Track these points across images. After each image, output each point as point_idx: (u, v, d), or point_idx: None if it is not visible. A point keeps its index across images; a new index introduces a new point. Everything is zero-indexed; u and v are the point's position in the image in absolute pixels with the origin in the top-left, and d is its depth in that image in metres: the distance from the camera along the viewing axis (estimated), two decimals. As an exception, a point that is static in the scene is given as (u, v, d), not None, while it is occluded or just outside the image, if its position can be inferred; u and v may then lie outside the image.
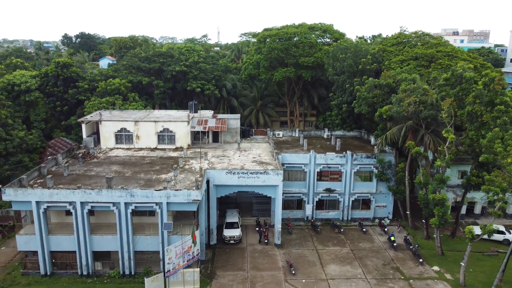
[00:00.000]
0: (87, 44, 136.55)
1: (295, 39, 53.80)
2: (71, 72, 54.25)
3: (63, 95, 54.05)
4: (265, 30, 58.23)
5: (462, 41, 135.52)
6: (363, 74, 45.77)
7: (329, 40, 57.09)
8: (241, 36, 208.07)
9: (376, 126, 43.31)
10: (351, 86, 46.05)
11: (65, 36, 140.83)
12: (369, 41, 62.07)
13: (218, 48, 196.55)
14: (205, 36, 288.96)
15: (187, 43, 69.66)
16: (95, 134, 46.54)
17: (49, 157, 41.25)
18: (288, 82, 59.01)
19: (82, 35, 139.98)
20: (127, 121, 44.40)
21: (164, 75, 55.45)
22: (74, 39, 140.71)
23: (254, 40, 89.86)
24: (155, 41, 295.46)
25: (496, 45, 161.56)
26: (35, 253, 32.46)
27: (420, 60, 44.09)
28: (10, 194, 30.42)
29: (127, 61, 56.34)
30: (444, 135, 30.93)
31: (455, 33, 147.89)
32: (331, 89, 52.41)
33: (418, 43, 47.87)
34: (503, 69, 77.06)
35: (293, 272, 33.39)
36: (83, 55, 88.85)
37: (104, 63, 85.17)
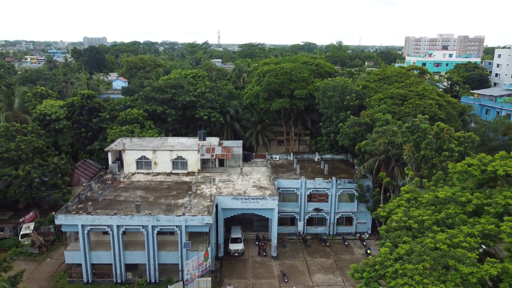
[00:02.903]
0: (96, 58, 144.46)
1: (291, 73, 61.57)
2: (94, 102, 62.21)
3: (87, 123, 61.95)
4: (265, 64, 66.27)
5: (451, 55, 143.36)
6: (348, 109, 53.81)
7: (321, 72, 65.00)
8: (241, 47, 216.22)
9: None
10: (337, 119, 54.07)
11: (74, 50, 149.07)
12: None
13: (220, 55, 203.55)
14: (206, 43, 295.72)
15: (190, 73, 77.21)
16: (118, 160, 54.41)
17: (84, 184, 49.11)
18: (284, 109, 66.93)
19: (91, 49, 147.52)
20: (146, 150, 52.31)
21: (175, 104, 63.30)
22: (83, 52, 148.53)
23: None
24: (157, 47, 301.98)
25: (484, 58, 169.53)
26: (79, 265, 40.41)
27: (395, 99, 52.05)
28: (61, 219, 38.44)
29: (144, 93, 64.08)
30: (405, 172, 38.93)
31: (445, 47, 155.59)
32: (322, 115, 60.29)
33: (395, 82, 55.76)
34: (480, 91, 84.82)
35: (286, 280, 41.36)
36: (97, 77, 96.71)
37: (117, 84, 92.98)
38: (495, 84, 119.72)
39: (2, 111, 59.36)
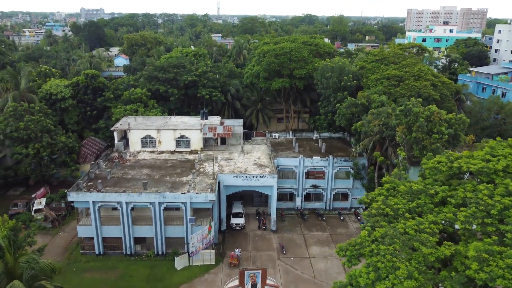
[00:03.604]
0: (96, 33, 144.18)
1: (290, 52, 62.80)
2: (98, 82, 63.75)
3: (92, 102, 63.72)
4: (265, 44, 67.32)
5: (451, 30, 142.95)
6: (345, 90, 55.50)
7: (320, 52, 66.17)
8: (241, 21, 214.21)
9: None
10: (335, 100, 55.83)
11: (74, 25, 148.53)
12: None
13: (220, 29, 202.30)
14: (206, 15, 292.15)
15: (192, 52, 78.20)
16: (124, 138, 56.53)
17: (92, 162, 51.41)
18: (284, 88, 68.48)
19: (90, 24, 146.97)
20: (151, 129, 54.34)
21: (177, 83, 64.85)
22: (82, 27, 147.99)
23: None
24: (156, 19, 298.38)
25: (485, 32, 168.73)
26: (90, 238, 43.26)
27: (391, 80, 53.62)
28: (74, 196, 40.95)
29: (146, 72, 65.53)
30: (398, 152, 41.16)
31: (446, 23, 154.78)
32: (321, 95, 61.99)
33: (392, 63, 57.15)
34: (477, 69, 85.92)
35: (284, 252, 44.33)
36: (98, 53, 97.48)
37: (118, 61, 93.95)
38: (494, 60, 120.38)
39: (9, 91, 60.97)
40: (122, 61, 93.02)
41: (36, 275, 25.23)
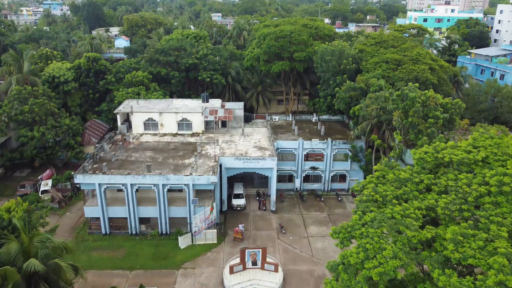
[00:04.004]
0: (95, 13, 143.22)
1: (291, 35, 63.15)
2: (100, 65, 64.35)
3: (94, 85, 64.48)
4: (265, 27, 67.55)
5: (453, 10, 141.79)
6: (344, 73, 56.23)
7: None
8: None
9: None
10: (334, 83, 56.63)
11: (72, 5, 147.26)
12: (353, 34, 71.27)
13: (220, 8, 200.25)
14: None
15: (192, 33, 78.33)
16: (127, 121, 57.58)
17: (96, 145, 52.64)
18: (284, 71, 69.01)
19: (89, 3, 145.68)
20: (153, 112, 55.33)
21: (178, 66, 65.44)
22: (81, 7, 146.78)
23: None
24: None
25: (488, 11, 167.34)
26: (97, 218, 44.90)
27: (389, 64, 54.26)
28: (80, 178, 42.36)
29: (148, 54, 66.04)
30: (394, 136, 42.34)
31: (447, 3, 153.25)
32: (320, 78, 62.66)
33: (391, 47, 57.66)
34: (476, 51, 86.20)
35: (283, 231, 46.07)
36: (98, 34, 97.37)
37: (119, 43, 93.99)
38: (495, 40, 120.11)
39: (12, 74, 61.64)
40: (122, 42, 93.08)
41: (49, 253, 26.80)
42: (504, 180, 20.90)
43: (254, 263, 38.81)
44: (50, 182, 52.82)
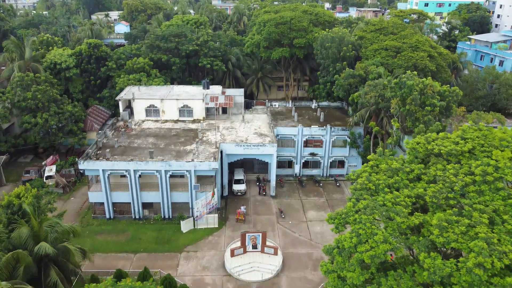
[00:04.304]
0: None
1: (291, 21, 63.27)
2: (101, 51, 64.68)
3: (96, 71, 64.91)
4: (266, 13, 67.53)
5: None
6: (344, 60, 56.68)
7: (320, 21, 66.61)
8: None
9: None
10: (334, 70, 57.14)
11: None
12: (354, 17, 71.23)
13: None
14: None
15: (192, 19, 78.29)
16: (128, 108, 58.29)
17: (98, 131, 53.47)
18: (284, 57, 69.32)
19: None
20: (155, 99, 56.00)
21: (179, 52, 65.76)
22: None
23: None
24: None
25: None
26: (101, 203, 46.07)
27: (389, 51, 54.63)
28: (84, 164, 43.35)
29: (149, 40, 66.29)
30: (392, 123, 43.14)
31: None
32: (320, 64, 63.08)
33: (391, 34, 57.92)
34: (476, 37, 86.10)
35: (283, 216, 47.33)
36: (98, 19, 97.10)
37: (119, 28, 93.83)
38: (496, 25, 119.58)
39: (14, 61, 62.04)
40: (122, 28, 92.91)
41: (58, 237, 27.98)
42: (488, 170, 22.14)
43: (254, 247, 40.16)
44: (54, 167, 53.84)
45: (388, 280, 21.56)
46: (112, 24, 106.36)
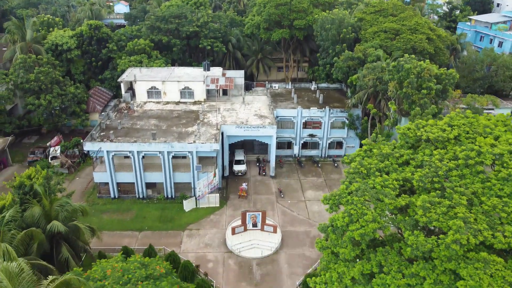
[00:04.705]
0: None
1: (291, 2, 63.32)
2: (102, 33, 64.96)
3: (97, 53, 65.38)
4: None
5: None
6: (344, 42, 57.15)
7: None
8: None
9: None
10: (333, 52, 57.68)
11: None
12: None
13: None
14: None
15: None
16: (130, 89, 59.07)
17: (102, 113, 54.47)
18: (284, 39, 69.62)
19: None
20: (156, 80, 56.71)
21: (179, 33, 66.07)
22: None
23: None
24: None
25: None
26: (106, 183, 47.53)
27: (388, 33, 55.03)
28: (89, 145, 44.57)
29: (149, 21, 66.48)
30: (389, 105, 44.14)
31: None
32: (320, 46, 63.52)
33: (390, 15, 58.13)
34: (476, 17, 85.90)
35: (282, 196, 48.89)
36: (98, 0, 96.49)
37: (119, 8, 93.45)
38: (498, 5, 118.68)
39: (16, 42, 62.43)
40: (122, 8, 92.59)
41: (68, 216, 29.46)
42: (471, 155, 23.67)
43: (255, 225, 41.83)
44: (58, 148, 55.07)
45: (376, 255, 23.47)
46: (111, 4, 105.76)
